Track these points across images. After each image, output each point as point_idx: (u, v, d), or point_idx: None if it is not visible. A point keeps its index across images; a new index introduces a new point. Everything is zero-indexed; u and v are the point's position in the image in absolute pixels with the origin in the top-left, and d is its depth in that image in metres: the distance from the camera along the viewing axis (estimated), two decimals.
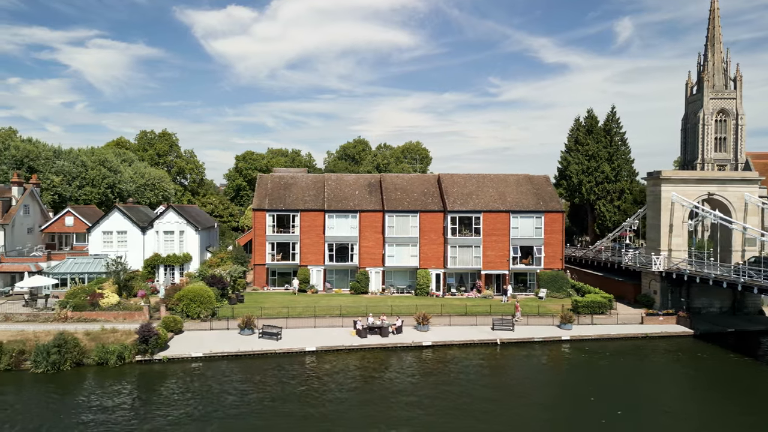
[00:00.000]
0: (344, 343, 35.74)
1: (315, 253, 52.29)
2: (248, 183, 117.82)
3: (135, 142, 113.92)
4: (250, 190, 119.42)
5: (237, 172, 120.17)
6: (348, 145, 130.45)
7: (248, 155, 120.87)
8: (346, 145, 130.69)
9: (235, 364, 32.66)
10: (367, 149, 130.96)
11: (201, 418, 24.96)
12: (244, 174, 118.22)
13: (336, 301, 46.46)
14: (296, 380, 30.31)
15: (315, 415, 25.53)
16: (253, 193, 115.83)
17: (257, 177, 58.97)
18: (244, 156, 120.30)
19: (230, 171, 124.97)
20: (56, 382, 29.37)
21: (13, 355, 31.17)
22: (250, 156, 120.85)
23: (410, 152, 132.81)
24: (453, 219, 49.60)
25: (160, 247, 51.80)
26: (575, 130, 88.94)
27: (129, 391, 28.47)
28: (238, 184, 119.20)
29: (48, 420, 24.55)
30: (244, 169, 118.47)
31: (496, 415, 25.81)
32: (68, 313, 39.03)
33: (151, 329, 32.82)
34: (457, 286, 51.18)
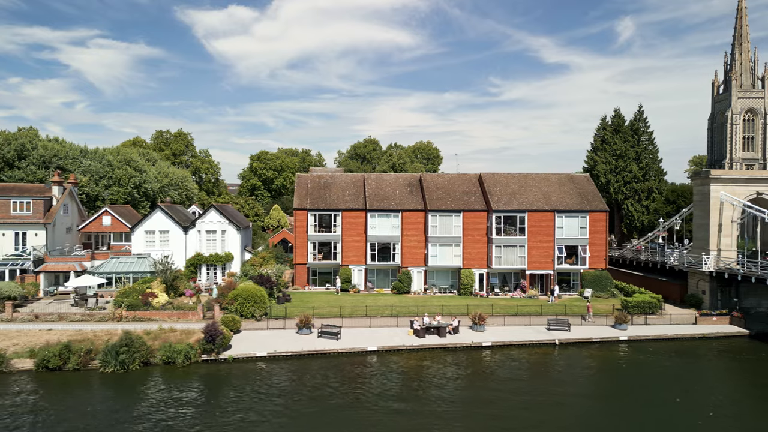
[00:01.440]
0: (404, 343, 35.59)
1: (356, 252, 52.13)
2: (263, 183, 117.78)
3: (151, 142, 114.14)
4: (264, 190, 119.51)
5: (251, 172, 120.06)
6: (358, 145, 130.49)
7: (262, 155, 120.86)
8: (356, 144, 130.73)
9: (302, 363, 32.52)
10: (377, 149, 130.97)
11: (304, 414, 25.16)
12: (258, 174, 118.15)
13: (381, 300, 46.30)
14: (381, 378, 30.28)
15: (426, 412, 25.51)
16: (268, 193, 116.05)
17: (296, 176, 58.81)
18: (258, 156, 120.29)
19: (244, 171, 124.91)
20: (127, 382, 29.29)
21: (81, 354, 31.10)
22: (264, 156, 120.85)
23: (421, 152, 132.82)
24: (498, 218, 49.35)
25: (202, 247, 51.70)
26: (601, 129, 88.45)
27: (204, 390, 28.35)
28: (252, 184, 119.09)
29: (128, 420, 24.46)
30: (258, 169, 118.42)
31: (615, 414, 25.73)
32: (123, 313, 39.01)
33: (217, 329, 32.71)
34: (500, 286, 50.94)
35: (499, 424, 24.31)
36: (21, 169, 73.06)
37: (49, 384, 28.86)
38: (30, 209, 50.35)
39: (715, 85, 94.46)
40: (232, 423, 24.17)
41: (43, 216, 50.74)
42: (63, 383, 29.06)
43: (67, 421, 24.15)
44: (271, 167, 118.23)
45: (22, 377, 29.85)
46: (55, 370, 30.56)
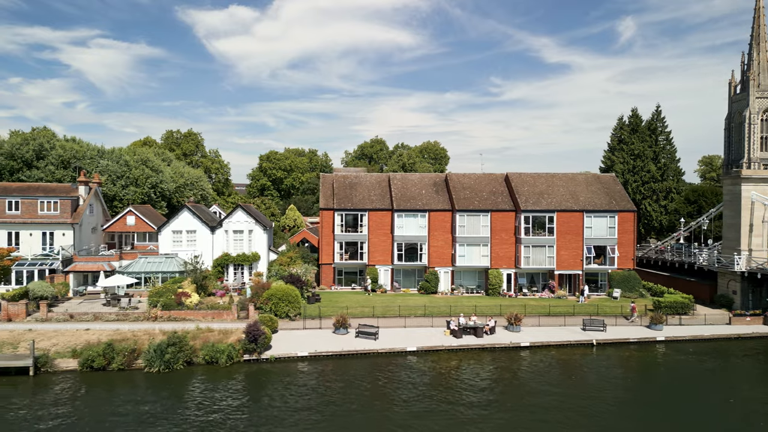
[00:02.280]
0: (443, 344, 35.49)
1: (383, 252, 52.06)
2: (272, 183, 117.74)
3: (161, 142, 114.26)
4: (274, 190, 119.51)
5: (261, 172, 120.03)
6: (365, 145, 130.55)
7: (272, 155, 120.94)
8: (363, 144, 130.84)
9: (343, 363, 32.45)
10: (384, 149, 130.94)
11: (359, 414, 25.17)
12: (268, 174, 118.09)
13: (411, 301, 46.23)
14: (428, 378, 30.16)
15: (485, 416, 25.36)
16: (278, 193, 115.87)
17: (320, 176, 58.75)
18: (268, 156, 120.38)
19: (254, 171, 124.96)
20: (175, 382, 29.23)
21: (125, 354, 31.08)
22: (273, 156, 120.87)
23: (428, 152, 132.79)
24: (526, 218, 49.23)
25: (229, 247, 51.66)
26: (618, 129, 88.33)
27: (253, 390, 28.24)
28: (262, 184, 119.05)
29: (188, 421, 24.41)
30: (268, 169, 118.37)
31: (679, 418, 25.54)
32: (158, 313, 38.98)
33: (259, 329, 32.65)
34: (528, 286, 50.81)
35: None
36: (39, 169, 73.20)
37: (97, 384, 28.78)
38: (57, 209, 50.38)
39: (732, 84, 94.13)
40: (291, 423, 24.10)
41: (71, 216, 50.77)
42: (110, 383, 28.99)
43: (126, 422, 24.11)
44: (281, 167, 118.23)
45: (68, 377, 29.81)
46: (99, 370, 30.54)
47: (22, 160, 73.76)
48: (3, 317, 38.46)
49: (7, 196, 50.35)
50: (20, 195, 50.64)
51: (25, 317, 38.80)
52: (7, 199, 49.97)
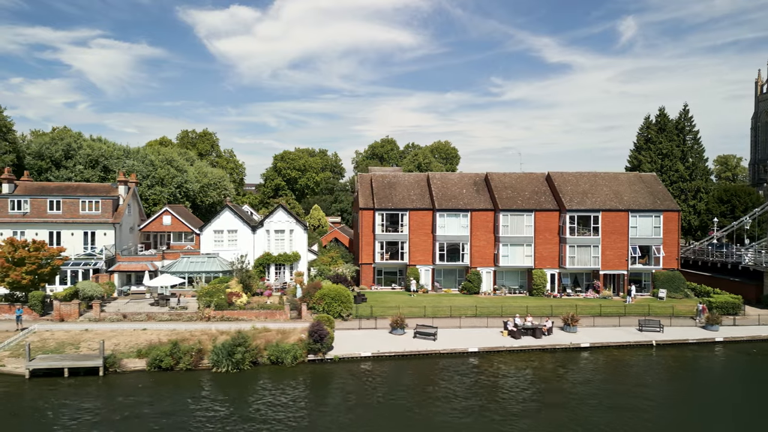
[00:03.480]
0: (504, 344, 35.17)
1: (423, 252, 51.78)
2: (287, 182, 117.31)
3: (177, 142, 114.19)
4: (288, 190, 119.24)
5: (275, 172, 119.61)
6: (376, 145, 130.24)
7: (286, 155, 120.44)
8: (374, 144, 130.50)
9: (408, 364, 32.15)
10: (395, 149, 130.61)
11: (438, 415, 24.80)
12: (282, 174, 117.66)
13: (457, 301, 45.94)
14: (497, 379, 29.88)
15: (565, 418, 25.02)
16: (292, 193, 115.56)
17: (357, 176, 58.54)
18: (282, 156, 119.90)
19: (268, 171, 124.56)
20: (245, 381, 28.96)
21: (192, 354, 30.88)
22: (288, 156, 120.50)
23: (439, 151, 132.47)
24: (571, 218, 48.87)
25: (271, 246, 51.41)
26: (645, 128, 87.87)
27: (327, 390, 27.99)
28: (276, 184, 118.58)
29: (277, 422, 24.17)
30: (282, 169, 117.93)
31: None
32: (211, 313, 38.78)
33: (323, 329, 32.39)
34: (571, 286, 50.48)
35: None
36: (68, 168, 73.23)
37: (169, 384, 28.53)
38: (99, 209, 50.24)
39: (759, 84, 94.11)
40: (371, 424, 23.86)
41: (112, 215, 50.63)
42: (183, 383, 28.74)
43: (210, 423, 23.90)
44: (295, 167, 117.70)
45: (137, 377, 29.59)
46: (167, 370, 30.33)
47: (51, 160, 73.84)
48: (56, 317, 38.33)
49: (48, 195, 50.28)
50: (61, 195, 50.55)
51: (78, 317, 38.68)
52: (48, 198, 49.87)
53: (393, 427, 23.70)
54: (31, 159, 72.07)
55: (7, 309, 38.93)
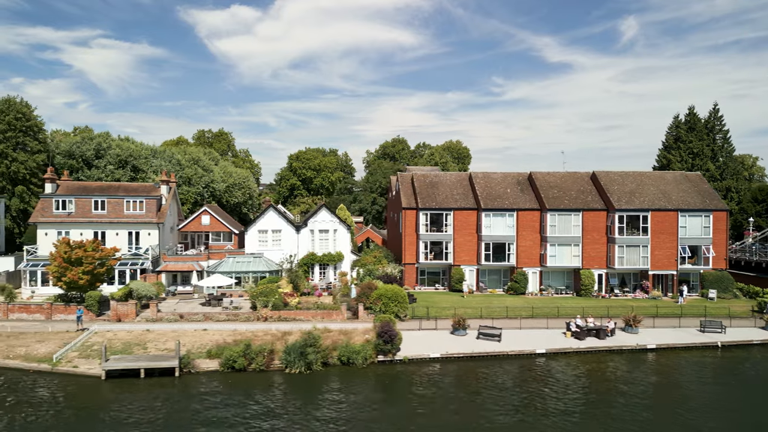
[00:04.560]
0: (571, 345, 34.77)
1: (468, 252, 51.39)
2: (302, 182, 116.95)
3: (193, 142, 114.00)
4: (303, 190, 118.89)
5: (291, 172, 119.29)
6: (387, 144, 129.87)
7: (301, 155, 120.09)
8: (385, 144, 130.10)
9: (479, 365, 31.75)
10: (406, 148, 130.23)
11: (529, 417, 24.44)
12: (298, 173, 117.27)
13: (508, 301, 45.50)
14: (579, 381, 29.50)
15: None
16: (307, 193, 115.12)
17: (397, 176, 58.16)
18: (297, 155, 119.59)
19: (283, 170, 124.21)
20: (320, 382, 28.68)
21: (265, 355, 30.60)
22: (303, 155, 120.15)
23: (451, 151, 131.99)
24: (620, 218, 48.41)
25: (315, 246, 51.14)
26: (674, 127, 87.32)
27: (404, 391, 27.55)
28: (292, 184, 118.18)
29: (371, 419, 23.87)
30: (298, 169, 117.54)
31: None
32: (267, 313, 38.52)
33: (393, 330, 32.07)
34: (619, 286, 50.03)
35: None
36: (99, 168, 73.17)
37: (249, 385, 28.16)
38: (143, 209, 50.05)
39: None
40: (474, 424, 23.54)
41: (156, 215, 50.43)
42: (262, 383, 28.47)
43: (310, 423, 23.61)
44: (310, 167, 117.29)
45: (212, 378, 29.32)
46: (240, 370, 30.06)
47: (82, 160, 73.79)
48: (113, 317, 38.15)
49: (92, 195, 50.11)
50: (106, 194, 50.38)
51: (135, 317, 38.47)
52: (93, 198, 49.72)
53: (498, 429, 23.33)
54: (61, 158, 72.03)
55: (63, 309, 38.78)
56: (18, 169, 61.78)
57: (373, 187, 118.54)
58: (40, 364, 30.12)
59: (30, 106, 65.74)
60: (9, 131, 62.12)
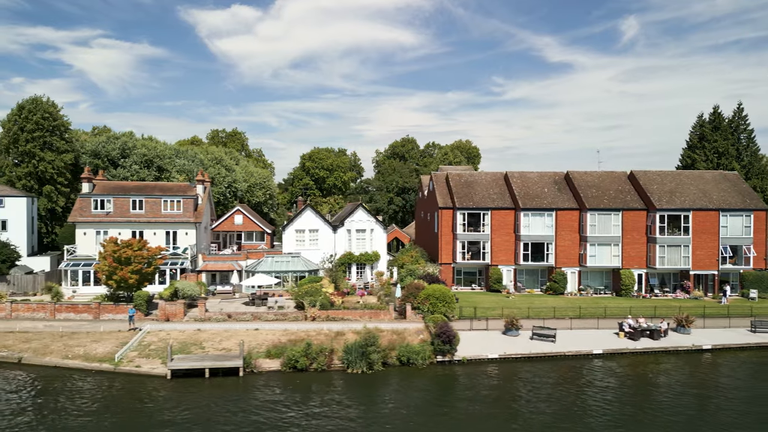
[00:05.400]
0: (627, 346, 34.48)
1: (506, 252, 51.18)
2: (315, 182, 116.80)
3: (207, 141, 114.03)
4: (316, 189, 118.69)
5: (303, 171, 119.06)
6: (396, 144, 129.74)
7: (314, 154, 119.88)
8: (394, 143, 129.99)
9: (540, 365, 31.52)
10: (415, 148, 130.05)
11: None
12: (311, 173, 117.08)
13: (549, 302, 45.30)
14: (661, 381, 29.31)
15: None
16: (320, 192, 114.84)
17: (430, 175, 57.97)
18: (311, 155, 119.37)
19: (295, 170, 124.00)
20: (386, 382, 28.55)
21: (326, 354, 30.46)
22: (316, 155, 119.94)
23: (461, 150, 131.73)
24: (661, 217, 48.14)
25: (352, 246, 50.97)
26: (698, 127, 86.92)
27: (475, 392, 27.32)
28: (305, 183, 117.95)
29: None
30: (311, 168, 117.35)
31: None
32: (315, 312, 38.37)
33: (451, 330, 31.89)
34: (659, 286, 49.76)
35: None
36: (125, 168, 73.18)
37: (314, 384, 28.06)
38: (180, 208, 49.96)
39: None
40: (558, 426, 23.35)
41: (193, 215, 50.33)
42: (327, 383, 28.40)
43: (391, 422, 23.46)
44: (323, 166, 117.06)
45: (275, 377, 29.16)
46: (301, 370, 29.92)
47: (108, 159, 73.81)
48: (161, 317, 38.04)
49: (129, 194, 50.03)
50: (144, 194, 50.29)
51: (183, 317, 38.35)
52: (131, 197, 49.67)
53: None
54: (87, 158, 72.06)
55: (112, 309, 38.68)
56: (45, 168, 61.81)
57: (389, 186, 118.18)
58: (101, 364, 30.03)
59: (56, 106, 65.72)
60: (36, 131, 62.14)
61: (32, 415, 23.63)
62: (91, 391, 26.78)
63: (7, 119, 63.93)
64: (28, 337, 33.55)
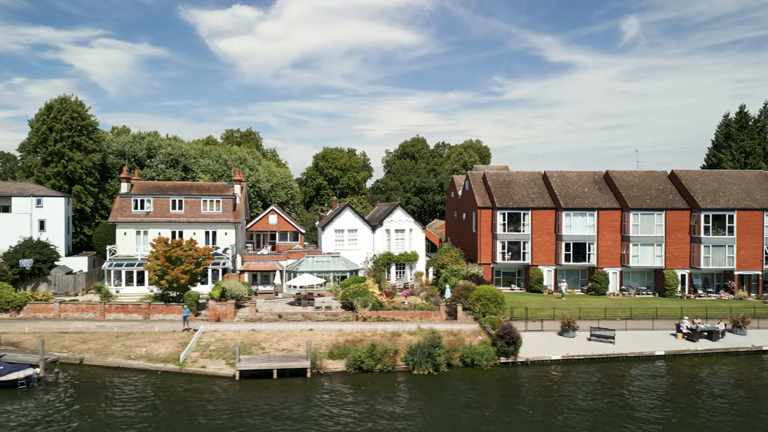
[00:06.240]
0: (688, 347, 34.11)
1: (546, 252, 50.81)
2: (328, 182, 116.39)
3: (221, 141, 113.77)
4: (330, 189, 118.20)
5: (317, 171, 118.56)
6: (406, 144, 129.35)
7: (328, 154, 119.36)
8: (404, 143, 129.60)
9: (605, 367, 31.18)
10: (425, 148, 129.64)
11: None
12: (324, 173, 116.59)
13: (595, 302, 44.84)
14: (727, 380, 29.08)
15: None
16: (333, 192, 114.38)
17: (467, 175, 57.63)
18: (324, 155, 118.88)
19: (308, 169, 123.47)
20: (456, 383, 28.22)
21: (391, 355, 30.18)
22: (330, 155, 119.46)
23: (471, 149, 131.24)
24: (706, 217, 47.73)
25: (391, 246, 50.71)
26: (724, 126, 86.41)
27: (553, 394, 26.97)
28: (318, 183, 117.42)
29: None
30: (324, 168, 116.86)
31: None
32: (366, 313, 38.08)
33: (515, 332, 31.56)
34: (702, 287, 49.34)
35: None
36: (152, 168, 73.06)
37: (386, 385, 27.83)
38: (220, 208, 49.78)
39: None
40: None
41: (232, 215, 50.12)
42: (395, 385, 28.12)
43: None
44: (336, 166, 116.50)
45: (341, 378, 28.90)
46: (366, 371, 29.64)
47: (134, 159, 73.69)
48: (212, 317, 37.83)
49: (168, 194, 49.84)
50: (182, 194, 50.10)
51: (233, 317, 38.13)
52: (171, 197, 49.49)
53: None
54: (113, 158, 71.99)
55: (162, 309, 38.49)
56: (75, 168, 61.64)
57: (407, 186, 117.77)
58: (166, 365, 29.82)
59: (84, 106, 65.56)
60: (66, 131, 61.98)
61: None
62: (162, 390, 26.60)
63: (35, 119, 63.79)
64: (85, 338, 33.37)
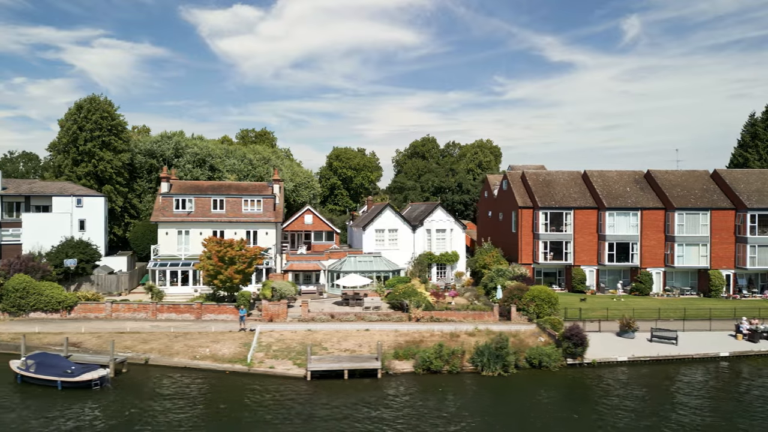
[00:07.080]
0: (752, 348, 33.75)
1: (588, 252, 50.44)
2: (342, 182, 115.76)
3: (237, 141, 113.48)
4: (343, 189, 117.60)
5: (331, 171, 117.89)
6: (416, 143, 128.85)
7: (341, 153, 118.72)
8: (414, 143, 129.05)
9: (672, 368, 30.87)
10: (435, 147, 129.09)
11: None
12: (338, 173, 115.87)
13: (644, 303, 44.39)
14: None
15: None
16: (347, 192, 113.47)
17: (504, 174, 57.30)
18: (338, 155, 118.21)
19: (322, 169, 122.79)
20: (530, 386, 27.99)
21: (458, 356, 29.91)
22: (344, 154, 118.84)
23: (481, 149, 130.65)
24: (752, 217, 47.31)
25: (432, 246, 50.43)
26: (750, 125, 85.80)
27: (637, 395, 26.70)
28: (332, 183, 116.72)
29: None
30: (338, 168, 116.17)
31: None
32: (419, 313, 37.81)
33: (581, 333, 31.22)
34: (747, 287, 48.92)
35: None
36: (179, 167, 72.92)
37: (457, 387, 27.62)
38: (260, 207, 49.60)
39: None
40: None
41: (273, 214, 49.93)
42: (471, 386, 27.95)
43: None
44: (350, 166, 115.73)
45: (410, 379, 28.64)
46: (434, 372, 29.37)
47: (162, 158, 73.58)
48: (264, 317, 37.62)
49: (210, 194, 49.67)
50: (223, 193, 49.94)
51: (286, 317, 37.90)
52: (212, 197, 49.34)
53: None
54: (141, 157, 71.93)
55: (214, 309, 38.30)
56: (105, 168, 61.57)
57: (425, 186, 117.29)
58: (233, 365, 29.63)
59: (113, 105, 65.50)
60: (96, 130, 61.89)
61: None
62: (235, 391, 26.39)
63: (65, 118, 63.78)
64: (144, 338, 33.19)
